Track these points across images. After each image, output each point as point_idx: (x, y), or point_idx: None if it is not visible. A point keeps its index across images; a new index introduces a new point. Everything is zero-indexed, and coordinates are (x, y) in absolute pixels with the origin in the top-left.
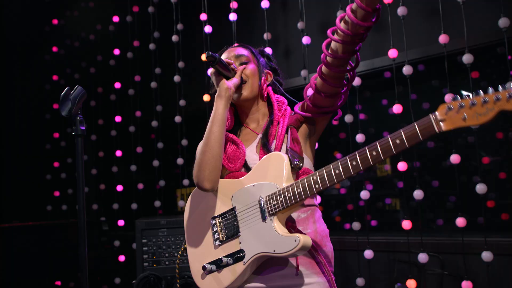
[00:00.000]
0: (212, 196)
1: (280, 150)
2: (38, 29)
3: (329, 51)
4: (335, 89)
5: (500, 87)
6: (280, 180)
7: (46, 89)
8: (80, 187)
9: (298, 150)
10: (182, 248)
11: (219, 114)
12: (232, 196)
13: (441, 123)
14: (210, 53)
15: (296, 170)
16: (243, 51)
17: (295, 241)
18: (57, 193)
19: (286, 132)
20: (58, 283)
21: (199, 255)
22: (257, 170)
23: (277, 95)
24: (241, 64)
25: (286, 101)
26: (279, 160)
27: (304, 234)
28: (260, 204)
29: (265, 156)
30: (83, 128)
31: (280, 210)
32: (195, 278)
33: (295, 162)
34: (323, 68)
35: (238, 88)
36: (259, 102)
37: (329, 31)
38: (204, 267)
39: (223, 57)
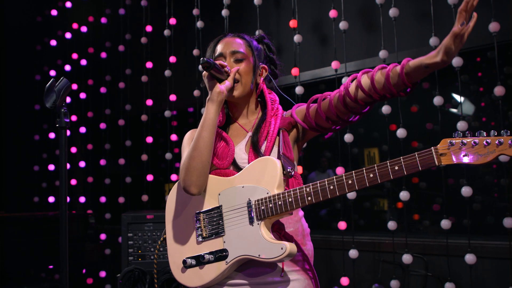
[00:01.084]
0: None
1: (270, 153)
2: (30, 19)
3: (349, 88)
4: (338, 118)
5: (503, 132)
6: (271, 186)
7: (36, 79)
8: (62, 178)
9: (290, 157)
10: (162, 239)
11: (209, 119)
12: (219, 194)
13: (441, 157)
14: (205, 59)
15: (288, 177)
16: (240, 47)
17: (282, 248)
18: (44, 185)
19: (278, 134)
20: (43, 275)
21: (180, 249)
22: (248, 171)
23: (270, 92)
24: (236, 60)
25: (278, 99)
26: (273, 166)
27: (291, 242)
28: (248, 207)
29: (259, 159)
30: (67, 120)
31: (269, 217)
32: (173, 272)
33: (288, 170)
34: (336, 96)
35: (231, 88)
36: (251, 98)
37: (362, 72)
38: (184, 262)
39: (219, 49)
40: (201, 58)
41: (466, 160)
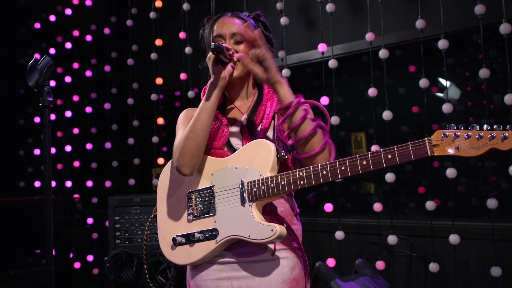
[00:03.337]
0: None
1: (264, 136)
2: (13, 2)
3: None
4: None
5: (495, 126)
6: (264, 169)
7: (21, 63)
8: (46, 159)
9: (285, 141)
10: (152, 215)
11: (210, 102)
12: (212, 174)
13: (434, 148)
14: (217, 44)
15: (281, 161)
16: (239, 28)
17: (272, 230)
18: (30, 170)
19: (273, 117)
20: (30, 259)
21: (170, 226)
22: (242, 153)
23: None
24: (235, 42)
25: None
26: (267, 149)
27: (282, 224)
28: (240, 188)
29: (253, 141)
30: (51, 99)
31: (260, 198)
32: (163, 249)
33: (282, 153)
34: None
35: (232, 72)
36: (249, 79)
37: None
38: (174, 239)
39: (217, 30)
40: (213, 43)
41: (458, 152)
